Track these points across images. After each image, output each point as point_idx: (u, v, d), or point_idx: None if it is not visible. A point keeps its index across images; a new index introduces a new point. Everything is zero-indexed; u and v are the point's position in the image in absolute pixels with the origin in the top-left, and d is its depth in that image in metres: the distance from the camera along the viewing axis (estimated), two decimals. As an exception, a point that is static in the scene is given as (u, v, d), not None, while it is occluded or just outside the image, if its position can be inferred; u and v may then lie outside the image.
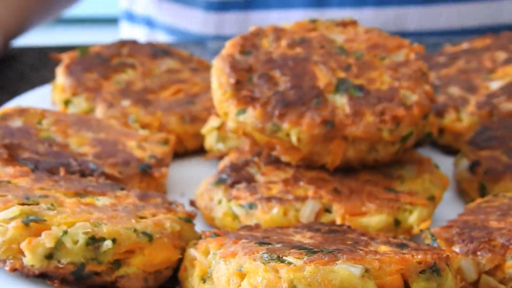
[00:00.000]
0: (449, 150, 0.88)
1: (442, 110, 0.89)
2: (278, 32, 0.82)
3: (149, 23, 1.43)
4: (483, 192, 0.79)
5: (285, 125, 0.73)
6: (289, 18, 1.24)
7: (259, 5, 1.34)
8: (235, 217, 0.74)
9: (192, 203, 0.77)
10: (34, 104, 0.92)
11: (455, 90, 0.92)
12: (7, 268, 0.61)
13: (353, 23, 0.84)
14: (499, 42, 0.97)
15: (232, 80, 0.76)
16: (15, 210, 0.62)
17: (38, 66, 1.17)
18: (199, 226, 0.74)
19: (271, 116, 0.74)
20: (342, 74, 0.78)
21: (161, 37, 1.40)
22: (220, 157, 0.84)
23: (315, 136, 0.73)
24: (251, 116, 0.74)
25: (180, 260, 0.64)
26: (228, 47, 0.79)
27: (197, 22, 1.37)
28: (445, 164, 0.85)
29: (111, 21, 2.44)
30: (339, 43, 0.81)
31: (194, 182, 0.82)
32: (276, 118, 0.73)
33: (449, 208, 0.79)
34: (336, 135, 0.73)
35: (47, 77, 1.12)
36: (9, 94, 1.07)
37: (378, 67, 0.79)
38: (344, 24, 0.83)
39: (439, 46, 1.11)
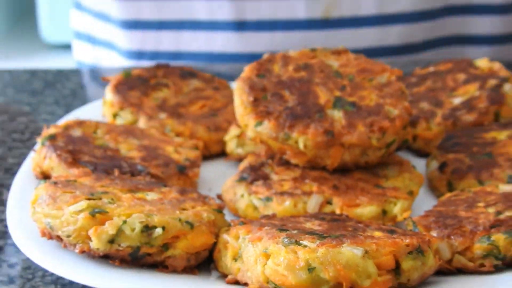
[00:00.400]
0: (421, 154, 0.87)
1: (415, 121, 0.87)
2: (286, 59, 0.80)
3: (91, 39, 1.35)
4: (450, 188, 0.77)
5: (294, 135, 0.72)
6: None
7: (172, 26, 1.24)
8: (255, 208, 0.72)
9: (219, 197, 0.76)
10: (87, 116, 0.90)
11: (425, 105, 0.90)
12: (76, 250, 0.61)
13: (345, 51, 0.82)
14: (459, 66, 0.95)
15: (251, 98, 0.75)
16: (83, 204, 0.61)
17: (86, 85, 1.17)
18: (226, 216, 0.71)
19: (283, 127, 0.73)
20: (338, 93, 0.76)
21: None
22: (239, 159, 0.83)
23: (318, 143, 0.72)
24: (267, 127, 0.73)
25: (215, 244, 0.63)
26: (247, 71, 0.78)
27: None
28: (418, 164, 0.82)
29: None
30: (335, 68, 0.80)
31: (219, 179, 0.81)
32: (287, 129, 0.73)
33: (423, 201, 0.77)
34: (335, 142, 0.72)
35: (94, 94, 1.12)
36: (64, 107, 1.07)
37: (366, 87, 0.78)
38: (338, 52, 0.82)
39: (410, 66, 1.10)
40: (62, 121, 0.86)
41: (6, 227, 0.70)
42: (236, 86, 0.77)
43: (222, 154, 0.86)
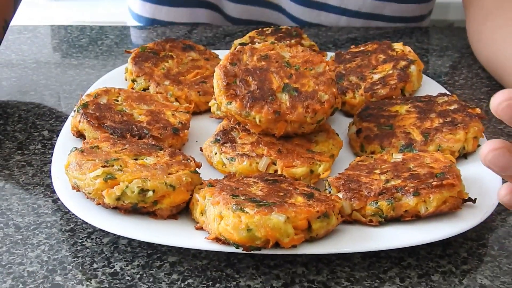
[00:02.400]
0: (348, 115, 0.86)
1: (345, 90, 0.86)
2: (253, 50, 0.78)
3: None
4: (362, 149, 0.77)
5: (253, 113, 0.73)
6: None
7: None
8: (224, 164, 0.73)
9: (201, 149, 0.77)
10: (115, 78, 0.90)
11: (353, 78, 0.88)
12: (94, 202, 0.63)
13: (296, 44, 0.81)
14: (381, 47, 0.93)
15: (224, 83, 0.74)
16: (99, 171, 0.62)
17: (118, 42, 1.16)
18: (205, 165, 0.74)
19: (245, 107, 0.73)
20: (286, 80, 0.75)
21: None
22: (218, 117, 0.83)
23: (269, 120, 0.72)
24: (234, 106, 0.73)
25: (191, 198, 0.64)
26: (224, 60, 0.77)
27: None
28: (345, 123, 0.83)
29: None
30: (287, 59, 0.78)
31: (203, 133, 0.80)
32: (248, 108, 0.73)
33: (345, 156, 0.77)
34: (281, 119, 0.73)
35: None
36: (102, 61, 1.07)
37: (307, 76, 0.76)
38: (290, 46, 0.80)
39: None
40: (94, 87, 0.86)
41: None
42: (215, 71, 0.76)
43: (208, 110, 0.86)
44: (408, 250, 0.64)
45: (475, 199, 0.65)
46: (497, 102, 0.54)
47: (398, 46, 0.93)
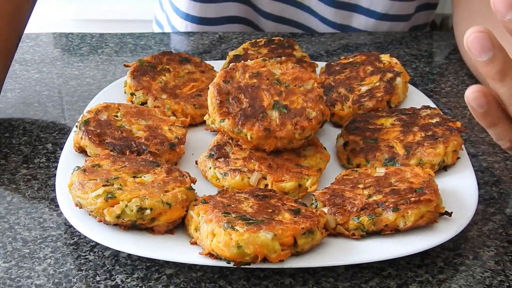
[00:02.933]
0: (337, 125, 0.90)
1: (334, 102, 0.89)
2: (245, 67, 0.81)
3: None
4: (348, 161, 0.81)
5: (244, 130, 0.76)
6: None
7: None
8: (217, 178, 0.77)
9: (196, 162, 0.81)
10: (114, 91, 0.94)
11: (342, 90, 0.91)
12: (96, 220, 0.67)
13: (287, 61, 0.84)
14: (369, 59, 0.96)
15: (218, 101, 0.78)
16: (100, 191, 0.66)
17: (118, 51, 1.20)
18: (200, 178, 0.77)
19: (237, 124, 0.76)
20: (276, 98, 0.79)
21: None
22: (213, 130, 0.86)
23: (260, 136, 0.76)
24: (227, 123, 0.77)
25: (186, 213, 0.68)
26: (217, 77, 0.80)
27: None
28: (334, 134, 0.86)
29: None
30: (277, 76, 0.81)
31: (199, 145, 0.84)
32: (240, 126, 0.76)
33: (333, 167, 0.80)
34: (271, 135, 0.76)
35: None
36: (102, 71, 1.11)
37: (296, 93, 0.79)
38: (281, 62, 0.83)
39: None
40: (95, 101, 0.90)
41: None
42: (210, 89, 0.80)
43: (203, 122, 0.88)
44: (389, 261, 0.69)
45: (451, 212, 0.70)
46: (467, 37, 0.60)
47: (385, 58, 0.96)
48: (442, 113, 0.85)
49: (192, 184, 0.73)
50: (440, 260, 0.70)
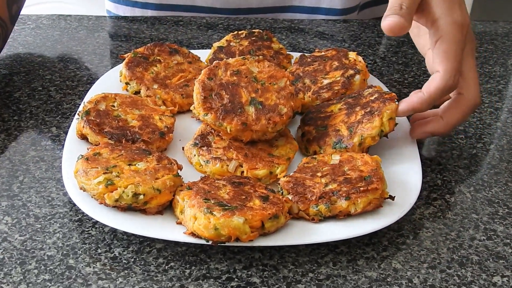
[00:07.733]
0: (301, 113, 0.97)
1: (297, 91, 0.97)
2: (226, 66, 0.90)
3: None
4: (306, 150, 0.89)
5: (224, 124, 0.86)
6: None
7: None
8: (201, 165, 0.86)
9: (183, 149, 0.90)
10: (111, 79, 1.03)
11: (307, 81, 0.99)
12: (98, 202, 0.77)
13: (263, 60, 0.93)
14: (338, 55, 1.03)
15: (202, 97, 0.87)
16: (101, 178, 0.77)
17: (113, 35, 1.29)
18: (186, 164, 0.87)
19: (218, 119, 0.86)
20: (253, 95, 0.88)
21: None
22: (198, 118, 0.93)
23: (238, 130, 0.86)
24: (210, 117, 0.86)
25: (174, 197, 0.78)
26: (202, 74, 0.89)
27: None
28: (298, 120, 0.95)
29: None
30: (255, 74, 0.90)
31: (186, 132, 0.93)
32: (220, 120, 0.86)
33: (299, 157, 0.90)
34: (247, 129, 0.86)
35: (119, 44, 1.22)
36: (99, 56, 1.20)
37: (271, 90, 0.89)
38: (259, 61, 0.92)
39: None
40: (94, 91, 0.99)
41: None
42: (195, 85, 0.88)
43: (190, 110, 0.96)
44: (342, 240, 0.81)
45: (394, 197, 0.81)
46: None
47: (352, 55, 1.05)
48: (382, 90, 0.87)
49: (179, 171, 0.84)
50: (385, 240, 0.83)
